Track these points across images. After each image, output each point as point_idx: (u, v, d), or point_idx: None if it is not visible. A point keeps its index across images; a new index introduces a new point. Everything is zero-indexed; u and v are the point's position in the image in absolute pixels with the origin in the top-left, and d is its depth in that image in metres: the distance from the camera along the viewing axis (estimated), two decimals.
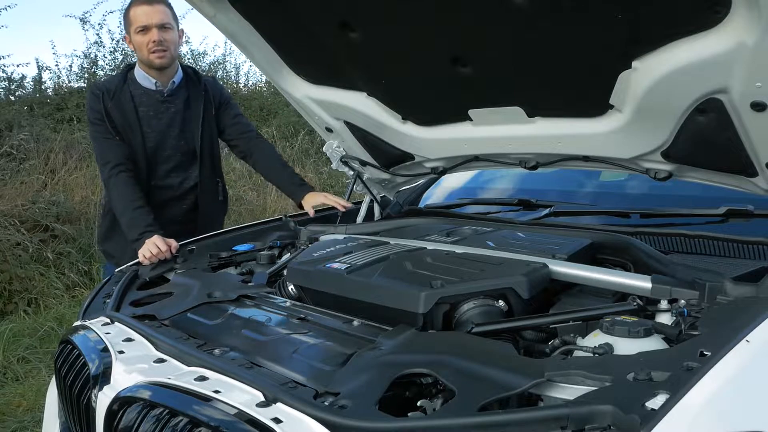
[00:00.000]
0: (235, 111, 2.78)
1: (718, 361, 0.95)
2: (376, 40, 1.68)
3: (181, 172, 2.64)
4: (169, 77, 2.59)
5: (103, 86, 2.56)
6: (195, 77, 2.68)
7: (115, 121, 2.49)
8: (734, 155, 1.50)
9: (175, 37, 2.54)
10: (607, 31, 1.35)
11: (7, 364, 3.64)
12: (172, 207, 2.65)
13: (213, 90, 2.70)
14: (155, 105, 2.58)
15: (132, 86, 2.56)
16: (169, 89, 2.60)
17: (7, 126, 6.52)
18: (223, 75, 10.25)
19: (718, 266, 1.55)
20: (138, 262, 2.09)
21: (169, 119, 2.60)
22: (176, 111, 2.61)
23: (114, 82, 2.57)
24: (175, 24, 2.56)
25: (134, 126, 2.51)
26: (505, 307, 1.42)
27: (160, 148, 2.58)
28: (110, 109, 2.49)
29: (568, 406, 0.91)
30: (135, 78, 2.58)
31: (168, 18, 2.50)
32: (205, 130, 2.65)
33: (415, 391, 1.14)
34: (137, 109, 2.54)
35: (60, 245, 5.05)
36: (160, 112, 2.58)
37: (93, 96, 2.53)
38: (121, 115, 2.50)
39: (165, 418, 1.11)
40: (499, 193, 2.63)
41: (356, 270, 1.54)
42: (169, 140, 2.60)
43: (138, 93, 2.56)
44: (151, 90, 2.58)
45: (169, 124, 2.60)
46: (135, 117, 2.53)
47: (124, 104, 2.52)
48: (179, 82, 2.62)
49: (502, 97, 1.72)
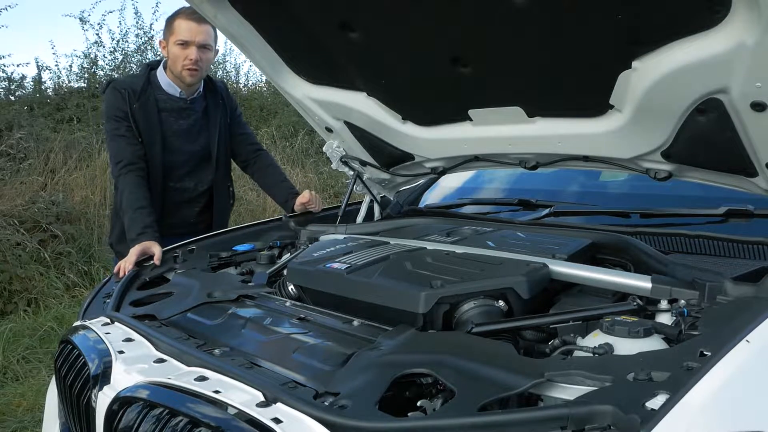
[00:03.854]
0: (242, 121, 2.90)
1: (718, 361, 0.94)
2: (376, 40, 1.68)
3: (196, 176, 2.70)
4: (195, 88, 2.65)
5: (127, 85, 2.56)
6: (212, 85, 2.75)
7: (138, 122, 2.52)
8: (734, 155, 1.50)
9: (211, 57, 2.61)
10: (607, 31, 1.35)
11: (7, 364, 3.64)
12: (186, 209, 2.72)
13: (227, 98, 2.80)
14: (177, 111, 2.62)
15: (156, 90, 2.59)
16: (192, 97, 2.65)
17: (7, 126, 6.52)
18: (223, 75, 10.26)
19: (718, 266, 1.55)
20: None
21: (189, 125, 2.65)
22: (196, 118, 2.67)
23: (138, 83, 2.57)
24: (214, 44, 2.61)
25: (155, 130, 2.55)
26: (505, 307, 1.42)
27: (178, 152, 2.63)
28: (135, 111, 2.52)
29: (568, 406, 0.91)
30: (159, 83, 2.60)
31: (210, 39, 2.55)
32: (221, 137, 2.73)
33: (415, 391, 1.14)
34: (160, 113, 2.58)
35: (60, 245, 5.05)
36: (181, 118, 2.63)
37: (117, 93, 2.54)
38: (144, 118, 2.53)
39: (165, 418, 1.11)
40: (499, 193, 2.63)
41: (356, 270, 1.54)
42: (187, 145, 2.65)
43: (162, 98, 2.60)
44: (174, 96, 2.62)
45: (189, 130, 2.65)
46: (158, 121, 2.57)
47: (149, 107, 2.55)
48: (200, 91, 2.68)
49: (502, 97, 1.72)
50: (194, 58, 2.50)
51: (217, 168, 2.73)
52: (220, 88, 2.77)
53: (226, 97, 2.79)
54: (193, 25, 2.49)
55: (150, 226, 2.29)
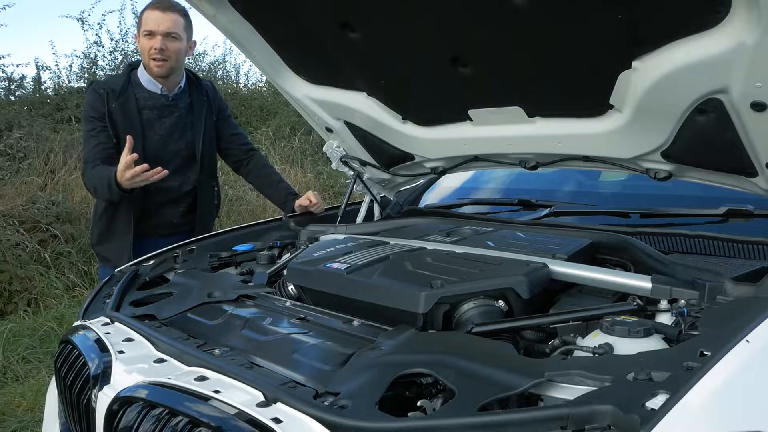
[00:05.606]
0: (232, 122, 2.86)
1: (718, 361, 0.94)
2: (376, 40, 1.68)
3: (180, 176, 2.65)
4: (175, 83, 2.61)
5: (106, 86, 2.54)
6: (197, 82, 2.71)
7: (117, 122, 2.49)
8: (734, 155, 1.50)
9: (180, 47, 2.53)
10: (607, 31, 1.35)
11: (7, 364, 3.64)
12: (170, 209, 2.67)
13: (214, 97, 2.75)
14: (159, 109, 2.59)
15: (136, 89, 2.56)
16: (174, 94, 2.61)
17: (6, 126, 6.52)
18: (223, 75, 10.26)
19: (718, 266, 1.55)
20: (138, 262, 2.09)
21: (172, 124, 2.61)
22: (179, 116, 2.63)
23: (118, 82, 2.55)
24: (186, 35, 2.55)
25: (137, 129, 2.50)
26: (505, 307, 1.42)
27: (162, 152, 2.58)
28: (113, 110, 2.49)
29: (568, 406, 0.91)
30: (139, 81, 2.58)
31: (177, 28, 2.49)
32: (206, 135, 2.68)
33: (415, 391, 1.14)
34: (141, 112, 2.54)
35: (60, 245, 5.05)
36: (163, 117, 2.59)
37: (96, 94, 2.52)
38: (123, 118, 2.50)
39: (165, 418, 1.11)
40: (498, 193, 2.63)
41: (356, 270, 1.54)
42: (170, 144, 2.61)
43: (142, 96, 2.56)
44: (156, 94, 2.58)
45: (172, 129, 2.61)
46: (138, 120, 2.53)
47: (128, 106, 2.51)
48: (183, 87, 2.64)
49: (502, 97, 1.72)
50: (158, 47, 2.44)
51: (201, 167, 2.68)
52: (205, 86, 2.73)
53: (213, 95, 2.74)
54: (158, 14, 2.45)
55: None
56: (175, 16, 2.48)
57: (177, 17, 2.49)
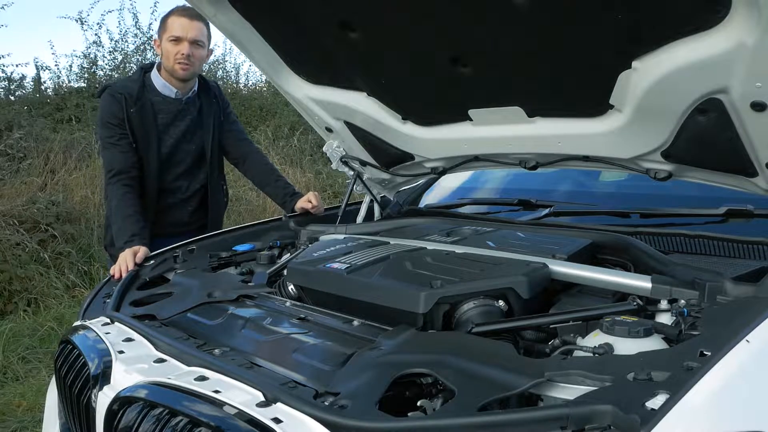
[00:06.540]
0: (233, 118, 2.90)
1: (718, 361, 0.94)
2: (376, 40, 1.68)
3: (189, 176, 2.72)
4: (190, 87, 2.66)
5: (123, 90, 2.55)
6: (206, 85, 2.76)
7: (134, 128, 2.52)
8: (734, 155, 1.50)
9: (203, 54, 2.62)
10: (607, 31, 1.35)
11: (7, 364, 3.64)
12: (180, 209, 2.73)
13: (220, 97, 2.82)
14: (173, 113, 2.63)
15: (150, 93, 2.59)
16: (187, 97, 2.66)
17: (6, 126, 6.52)
18: (223, 75, 10.25)
19: (718, 266, 1.55)
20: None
21: (185, 126, 2.66)
22: (192, 118, 2.68)
23: (134, 87, 2.57)
24: (207, 43, 2.63)
25: (152, 133, 2.56)
26: (505, 307, 1.42)
27: (174, 154, 2.64)
28: (132, 116, 2.52)
29: (568, 406, 0.91)
30: (153, 85, 2.61)
31: (202, 36, 2.57)
32: (215, 136, 2.75)
33: (415, 391, 1.14)
34: (156, 116, 2.59)
35: (60, 245, 5.05)
36: (177, 120, 2.64)
37: (113, 99, 2.53)
38: (141, 122, 2.54)
39: (165, 418, 1.11)
40: (498, 193, 2.63)
41: (356, 270, 1.54)
42: (183, 146, 2.66)
43: (157, 100, 2.60)
44: (170, 98, 2.62)
45: (185, 131, 2.66)
46: (154, 125, 2.57)
47: (145, 112, 2.55)
48: (195, 91, 2.70)
49: (502, 97, 1.72)
50: (186, 53, 2.51)
51: (211, 167, 2.75)
52: (213, 88, 2.80)
53: (219, 96, 2.81)
54: (185, 21, 2.51)
55: (138, 234, 2.30)
56: (201, 24, 2.55)
57: (202, 26, 2.56)
